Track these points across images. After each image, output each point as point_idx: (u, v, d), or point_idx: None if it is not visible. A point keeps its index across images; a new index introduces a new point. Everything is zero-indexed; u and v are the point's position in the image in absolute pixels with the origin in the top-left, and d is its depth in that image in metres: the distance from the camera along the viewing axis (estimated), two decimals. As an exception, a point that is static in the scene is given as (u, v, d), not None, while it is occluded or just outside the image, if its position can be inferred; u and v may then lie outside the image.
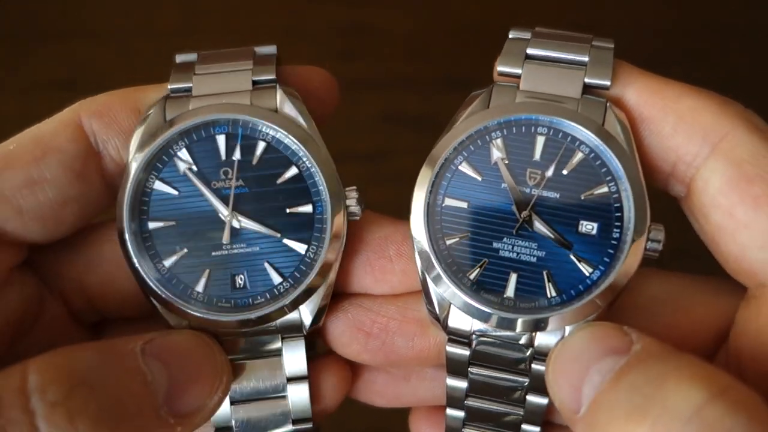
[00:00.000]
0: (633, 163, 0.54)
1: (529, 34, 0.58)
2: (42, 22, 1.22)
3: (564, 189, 0.55)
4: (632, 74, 0.57)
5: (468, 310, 0.55)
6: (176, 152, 0.58)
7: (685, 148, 0.54)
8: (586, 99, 0.56)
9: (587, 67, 0.56)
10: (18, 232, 0.56)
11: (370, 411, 0.64)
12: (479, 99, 0.57)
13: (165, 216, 0.58)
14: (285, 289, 0.57)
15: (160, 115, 0.58)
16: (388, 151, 0.94)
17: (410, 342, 0.59)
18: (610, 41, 0.57)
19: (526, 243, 0.55)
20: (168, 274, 0.58)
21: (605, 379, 0.47)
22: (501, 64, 0.58)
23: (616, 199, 0.54)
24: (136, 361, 0.50)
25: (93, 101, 0.59)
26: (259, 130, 0.58)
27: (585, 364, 0.49)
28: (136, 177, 0.57)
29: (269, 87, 0.59)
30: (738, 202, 0.52)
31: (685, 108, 0.54)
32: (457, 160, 0.57)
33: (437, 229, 0.56)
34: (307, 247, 0.58)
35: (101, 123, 0.57)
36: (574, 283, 0.54)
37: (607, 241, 0.54)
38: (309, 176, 0.58)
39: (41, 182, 0.55)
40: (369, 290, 0.60)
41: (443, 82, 1.15)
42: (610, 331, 0.50)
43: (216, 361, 0.55)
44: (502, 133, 0.56)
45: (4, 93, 1.15)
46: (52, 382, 0.46)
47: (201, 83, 0.59)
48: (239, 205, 0.58)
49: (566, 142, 0.55)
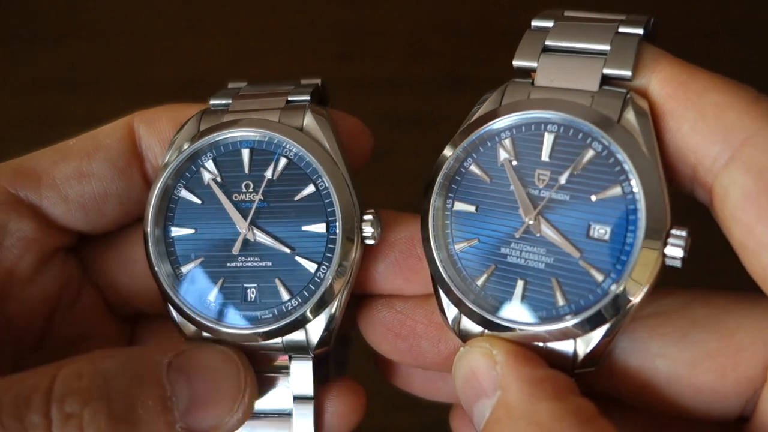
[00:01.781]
0: (648, 161, 0.49)
1: (552, 23, 0.54)
2: (42, 22, 1.22)
3: (574, 190, 0.51)
4: (658, 62, 0.51)
5: (475, 319, 0.53)
6: (203, 163, 0.59)
7: (704, 151, 0.48)
8: (603, 91, 0.51)
9: (607, 57, 0.52)
10: (63, 218, 0.60)
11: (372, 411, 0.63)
12: (491, 98, 0.55)
13: (187, 224, 0.59)
14: (293, 306, 0.57)
15: (195, 126, 0.60)
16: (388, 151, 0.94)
17: (436, 347, 0.58)
18: (639, 25, 0.52)
19: (534, 248, 0.52)
20: (184, 281, 0.58)
21: (484, 420, 0.49)
22: (516, 58, 0.54)
23: (631, 201, 0.49)
24: (160, 376, 0.51)
25: (146, 111, 0.63)
26: (282, 147, 0.58)
27: (467, 401, 0.51)
28: (165, 183, 0.59)
29: (299, 106, 0.60)
30: (756, 219, 0.46)
31: (708, 104, 0.48)
32: (467, 163, 0.55)
33: (446, 233, 0.55)
34: (318, 266, 0.57)
35: (147, 129, 0.62)
36: (583, 292, 0.50)
37: (621, 246, 0.49)
38: (326, 195, 0.57)
39: (89, 176, 0.60)
40: (401, 291, 0.59)
41: (443, 81, 1.15)
42: (478, 367, 0.50)
43: (240, 380, 0.55)
44: (510, 133, 0.53)
45: (4, 93, 1.15)
46: (72, 393, 0.48)
47: (240, 101, 0.61)
48: (256, 218, 0.58)
49: (576, 140, 0.51)
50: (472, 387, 0.50)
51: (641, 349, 0.52)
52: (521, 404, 0.47)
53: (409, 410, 0.66)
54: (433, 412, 0.68)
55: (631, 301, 0.49)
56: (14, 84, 1.16)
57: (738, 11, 1.16)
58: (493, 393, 0.48)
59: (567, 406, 0.46)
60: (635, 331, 0.52)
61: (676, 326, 0.51)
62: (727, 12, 1.16)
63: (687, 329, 0.51)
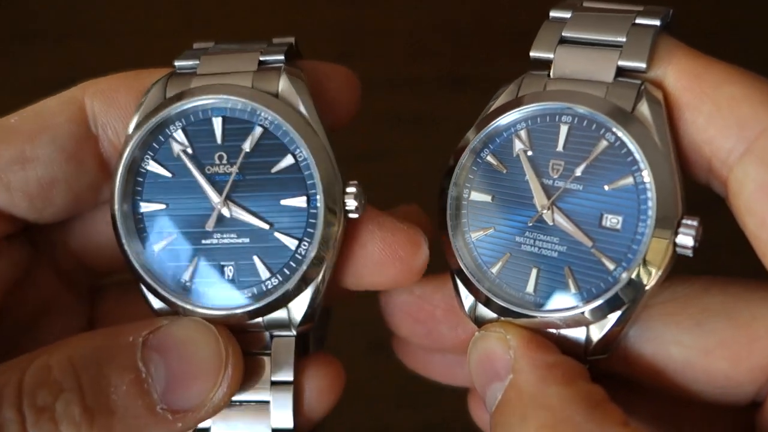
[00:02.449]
0: (660, 152, 0.50)
1: (570, 13, 0.54)
2: (42, 22, 1.22)
3: (587, 180, 0.52)
4: (674, 54, 0.51)
5: (490, 306, 0.54)
6: (172, 133, 0.56)
7: (719, 143, 0.48)
8: (618, 82, 0.52)
9: (623, 49, 0.52)
10: (6, 207, 0.55)
11: (373, 410, 0.63)
12: (508, 89, 0.55)
13: (157, 198, 0.55)
14: (273, 285, 0.54)
15: (161, 92, 0.56)
16: (389, 151, 0.94)
17: (454, 331, 0.58)
18: (657, 16, 0.52)
19: (548, 237, 0.52)
20: (157, 259, 0.55)
21: (496, 401, 0.50)
22: (533, 49, 0.54)
23: (643, 191, 0.50)
24: (133, 357, 0.48)
25: (99, 82, 0.57)
26: (257, 115, 0.54)
27: (481, 383, 0.52)
28: (131, 155, 0.55)
29: (274, 68, 0.56)
30: None
31: (723, 96, 0.48)
32: (483, 153, 0.55)
33: (464, 222, 0.55)
34: (299, 242, 0.54)
35: (102, 105, 0.56)
36: (595, 280, 0.51)
37: (632, 235, 0.50)
38: (306, 167, 0.54)
39: (32, 160, 0.54)
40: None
41: (443, 81, 1.15)
42: (493, 351, 0.51)
43: (220, 351, 0.52)
44: (526, 124, 0.54)
45: (4, 93, 1.15)
46: (42, 385, 0.45)
47: (207, 62, 0.57)
48: (232, 192, 0.55)
49: (590, 131, 0.52)
50: (485, 370, 0.51)
51: (656, 337, 0.52)
52: (531, 388, 0.48)
53: (410, 409, 0.66)
54: (435, 411, 0.68)
55: (641, 289, 0.50)
56: (14, 84, 1.16)
57: (738, 11, 1.16)
58: (506, 376, 0.49)
59: (576, 391, 0.47)
60: (650, 318, 0.52)
61: (690, 314, 0.52)
62: (727, 12, 1.16)
63: (701, 317, 0.51)
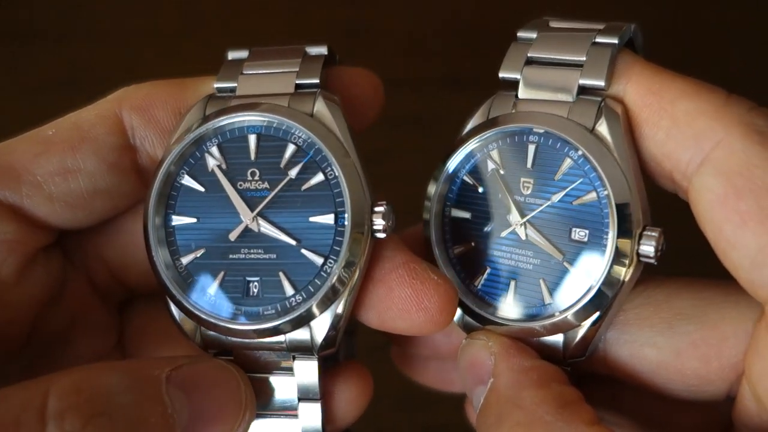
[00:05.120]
0: (618, 167, 0.53)
1: (536, 34, 0.57)
2: (42, 22, 1.22)
3: (556, 196, 0.55)
4: (632, 70, 0.53)
5: (474, 317, 0.57)
6: (208, 148, 0.57)
7: (678, 156, 0.51)
8: (580, 100, 0.54)
9: (583, 68, 0.55)
10: (48, 218, 0.56)
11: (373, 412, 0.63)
12: (480, 111, 0.58)
13: (190, 212, 0.56)
14: (297, 302, 0.54)
15: (200, 111, 0.57)
16: (389, 151, 0.94)
17: (448, 338, 0.60)
18: (615, 34, 0.55)
19: (523, 251, 0.56)
20: (184, 272, 0.56)
21: (480, 404, 0.53)
22: (502, 70, 0.57)
23: (605, 205, 0.53)
24: (159, 391, 0.48)
25: (136, 92, 0.58)
26: (290, 133, 0.56)
27: (468, 387, 0.56)
28: (167, 169, 0.56)
29: (310, 93, 0.57)
30: (725, 219, 0.49)
31: (680, 111, 0.51)
32: (461, 173, 0.58)
33: (447, 238, 0.59)
34: (324, 260, 0.54)
35: (141, 119, 0.57)
36: (567, 290, 0.54)
37: (598, 247, 0.53)
38: (335, 185, 0.54)
39: (75, 171, 0.55)
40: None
41: (443, 82, 1.15)
42: (477, 357, 0.55)
43: (241, 396, 0.53)
44: (497, 145, 0.57)
45: (4, 93, 1.15)
46: (71, 409, 0.44)
47: (246, 83, 0.58)
48: (261, 207, 0.56)
49: (555, 150, 0.55)
50: (472, 375, 0.55)
51: (632, 340, 0.55)
52: (508, 390, 0.51)
53: (410, 411, 0.66)
54: (434, 413, 0.68)
55: (610, 297, 0.53)
56: (14, 84, 1.16)
57: (738, 11, 1.16)
58: (488, 380, 0.53)
59: (548, 393, 0.50)
60: (626, 322, 0.55)
61: (662, 318, 0.54)
62: (727, 12, 1.16)
63: (673, 320, 0.54)
